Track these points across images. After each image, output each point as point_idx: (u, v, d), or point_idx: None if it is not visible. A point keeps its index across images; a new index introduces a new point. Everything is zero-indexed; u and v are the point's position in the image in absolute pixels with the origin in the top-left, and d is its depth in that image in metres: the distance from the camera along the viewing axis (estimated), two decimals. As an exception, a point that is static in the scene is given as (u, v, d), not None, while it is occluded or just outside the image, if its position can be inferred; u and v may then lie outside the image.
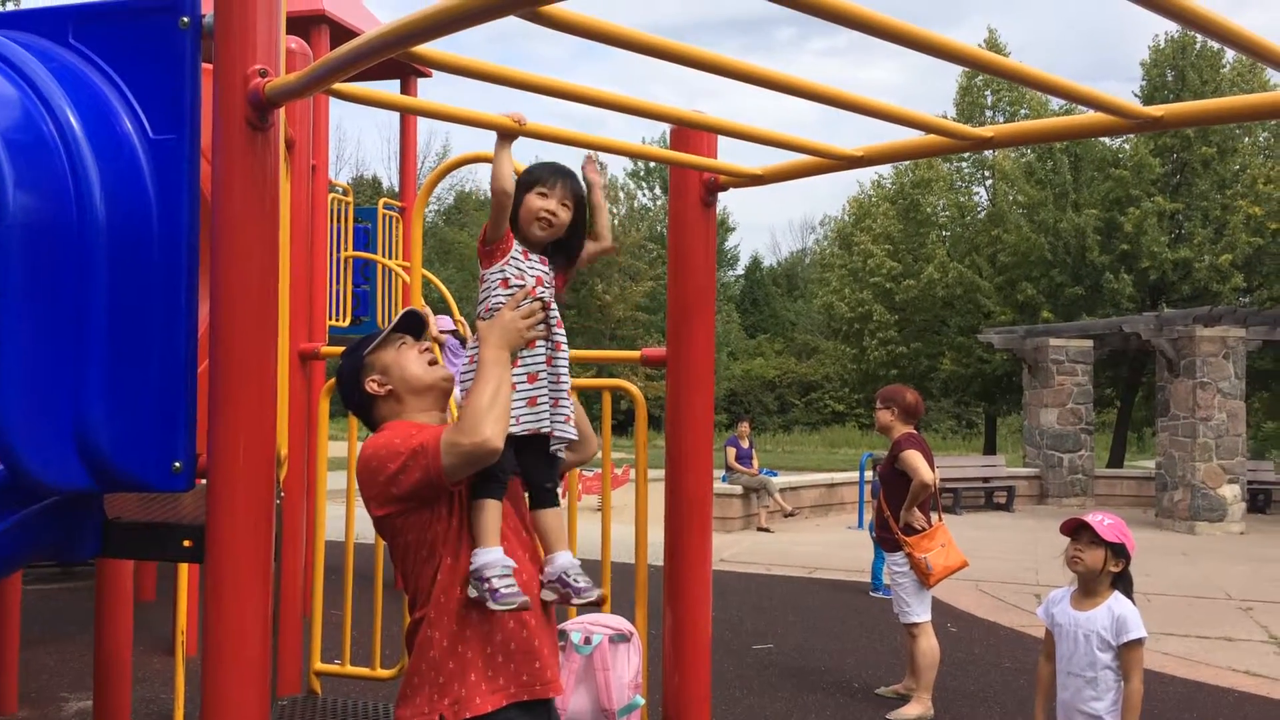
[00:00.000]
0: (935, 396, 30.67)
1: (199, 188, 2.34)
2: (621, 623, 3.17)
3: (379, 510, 2.33)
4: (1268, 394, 26.89)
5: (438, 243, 46.55)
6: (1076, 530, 3.81)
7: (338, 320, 9.07)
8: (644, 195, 48.90)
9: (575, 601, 2.46)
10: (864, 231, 30.07)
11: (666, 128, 3.59)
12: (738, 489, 14.50)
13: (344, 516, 4.50)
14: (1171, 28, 25.75)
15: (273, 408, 2.27)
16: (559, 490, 2.57)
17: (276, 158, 2.27)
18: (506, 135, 2.47)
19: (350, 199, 9.55)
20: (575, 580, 2.45)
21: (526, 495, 2.56)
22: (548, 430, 2.44)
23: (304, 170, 4.43)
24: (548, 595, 2.44)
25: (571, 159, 2.63)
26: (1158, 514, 16.66)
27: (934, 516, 6.06)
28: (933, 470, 5.95)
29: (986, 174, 29.00)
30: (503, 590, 2.26)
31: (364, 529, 8.50)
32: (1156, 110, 2.44)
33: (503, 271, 2.47)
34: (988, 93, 28.24)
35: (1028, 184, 26.40)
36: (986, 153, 25.26)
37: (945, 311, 27.81)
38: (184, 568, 4.28)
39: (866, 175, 34.90)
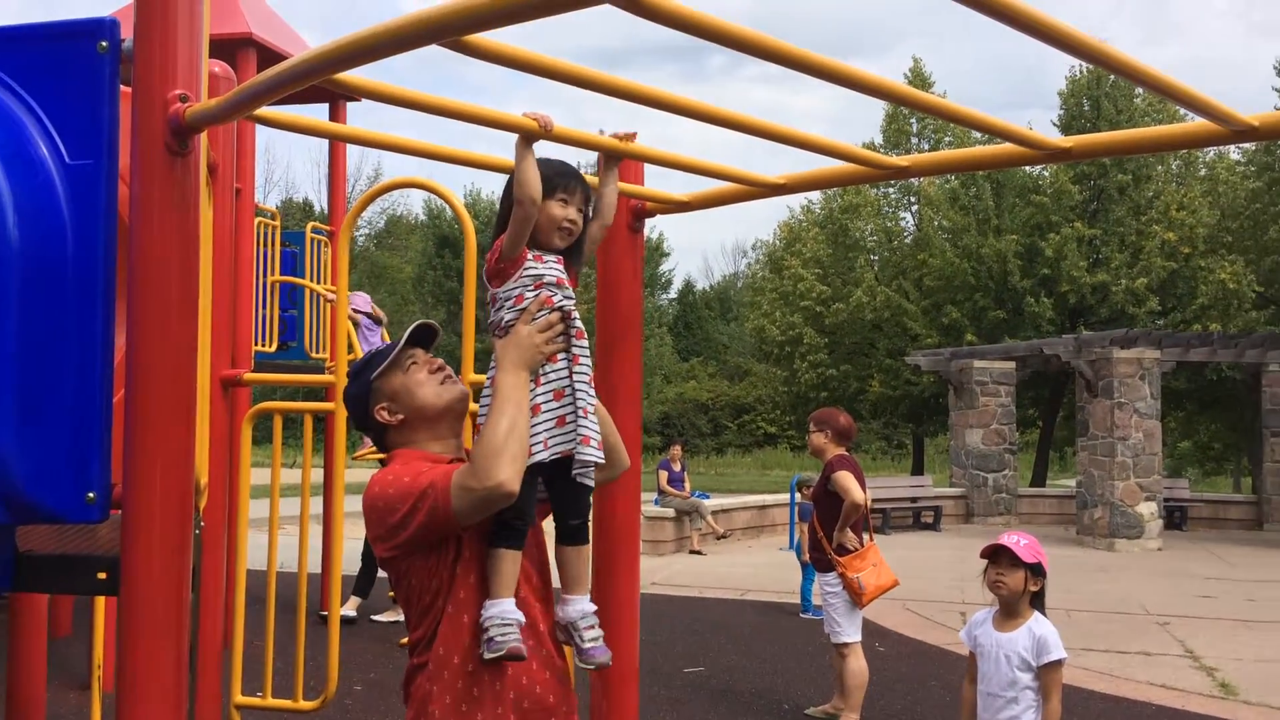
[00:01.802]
0: (865, 418, 31.04)
1: (116, 213, 2.30)
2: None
3: (384, 551, 2.22)
4: (1182, 414, 27.71)
5: (369, 266, 46.09)
6: (995, 554, 3.83)
7: (264, 346, 8.92)
8: (576, 219, 48.88)
9: (577, 661, 2.30)
10: (794, 256, 30.43)
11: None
12: (670, 512, 14.53)
13: (267, 545, 4.43)
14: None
15: (191, 436, 2.24)
16: (588, 525, 2.37)
17: (197, 183, 2.25)
18: (529, 138, 2.25)
19: (278, 223, 9.43)
20: (583, 633, 2.28)
21: (552, 529, 2.38)
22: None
23: (227, 194, 4.37)
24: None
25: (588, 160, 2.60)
26: (1079, 531, 17.05)
27: (865, 537, 6.14)
28: (864, 491, 6.04)
29: (913, 200, 29.57)
30: (497, 639, 2.14)
31: (287, 557, 8.36)
32: (1066, 142, 2.53)
33: (520, 285, 2.27)
34: (913, 120, 28.83)
35: (952, 210, 27.00)
36: (913, 179, 25.77)
37: (874, 334, 28.24)
38: (100, 601, 4.17)
39: (796, 200, 35.42)
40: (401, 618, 8.68)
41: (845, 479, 5.99)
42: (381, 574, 8.84)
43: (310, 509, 4.77)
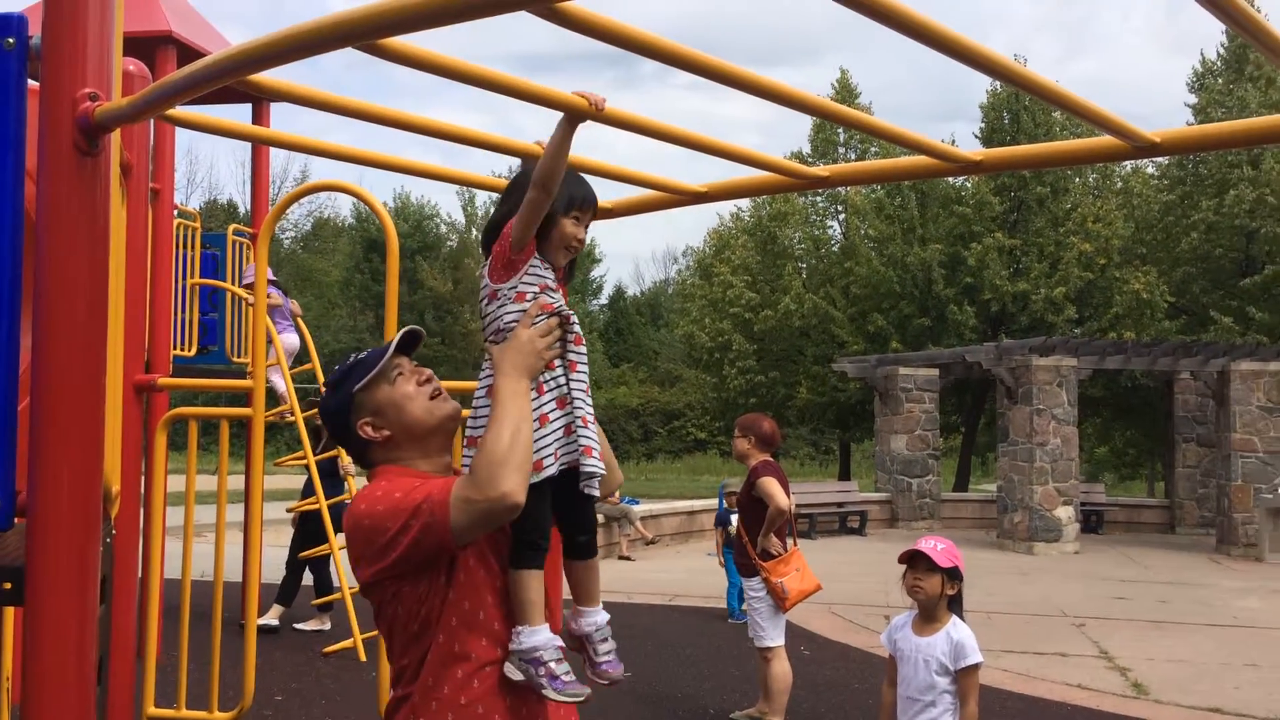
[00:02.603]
0: (792, 424, 31.37)
1: (22, 215, 2.25)
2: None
3: (370, 574, 2.03)
4: (1099, 420, 28.46)
5: (296, 269, 45.36)
6: (912, 559, 3.88)
7: (183, 350, 8.74)
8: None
9: (589, 675, 2.16)
10: (723, 263, 30.66)
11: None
12: (599, 518, 14.52)
13: (182, 554, 4.34)
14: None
15: (99, 443, 2.19)
16: (596, 538, 2.26)
17: (108, 183, 2.20)
18: (575, 119, 2.04)
19: (198, 225, 9.24)
20: (598, 646, 2.17)
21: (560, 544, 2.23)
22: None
23: (141, 196, 4.28)
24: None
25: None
26: (999, 535, 17.42)
27: (789, 542, 6.20)
28: (788, 496, 6.10)
29: (840, 209, 29.98)
30: (564, 678, 2.00)
31: (204, 564, 8.16)
32: (976, 155, 2.60)
33: (524, 283, 2.12)
34: (839, 130, 29.25)
35: (878, 219, 27.45)
36: (840, 188, 26.12)
37: (801, 341, 28.56)
38: (8, 612, 4.05)
39: (726, 208, 35.66)
40: (326, 626, 8.63)
41: (769, 485, 6.05)
42: (307, 580, 8.76)
43: (229, 516, 4.68)
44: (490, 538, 2.06)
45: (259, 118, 9.51)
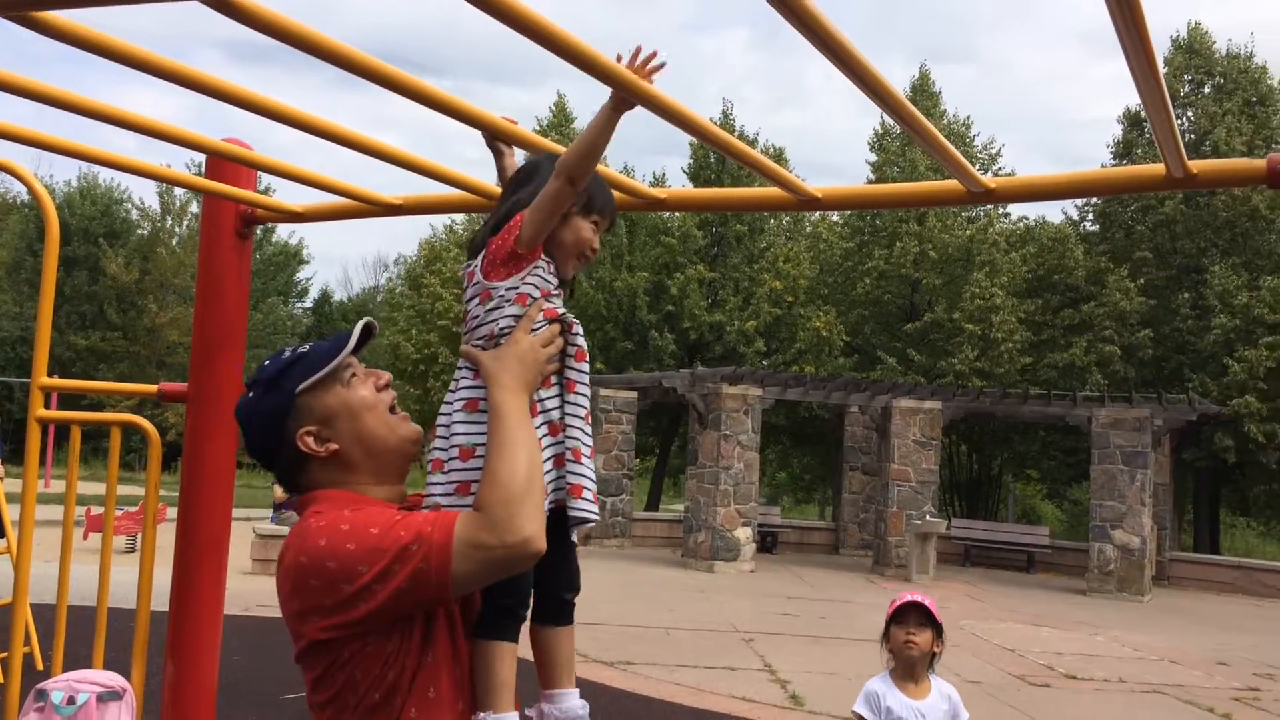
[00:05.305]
0: (494, 440, 31.35)
1: None
2: (113, 678, 2.92)
3: (323, 629, 1.58)
4: (780, 447, 30.47)
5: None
6: (902, 612, 3.55)
7: None
8: (204, 215, 45.77)
9: None
10: (434, 275, 30.31)
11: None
12: (285, 529, 13.88)
13: None
14: (714, 113, 28.74)
15: None
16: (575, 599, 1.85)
17: None
18: (623, 106, 1.69)
19: None
20: None
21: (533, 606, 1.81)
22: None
23: None
24: None
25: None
26: (684, 554, 18.22)
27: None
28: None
29: (552, 229, 30.42)
30: None
31: None
32: (661, 193, 2.73)
33: (526, 286, 1.77)
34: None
35: (589, 243, 28.11)
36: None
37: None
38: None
39: (440, 220, 35.26)
40: None
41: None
42: None
43: None
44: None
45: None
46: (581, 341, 1.80)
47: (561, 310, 1.80)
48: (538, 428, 1.71)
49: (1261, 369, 21.50)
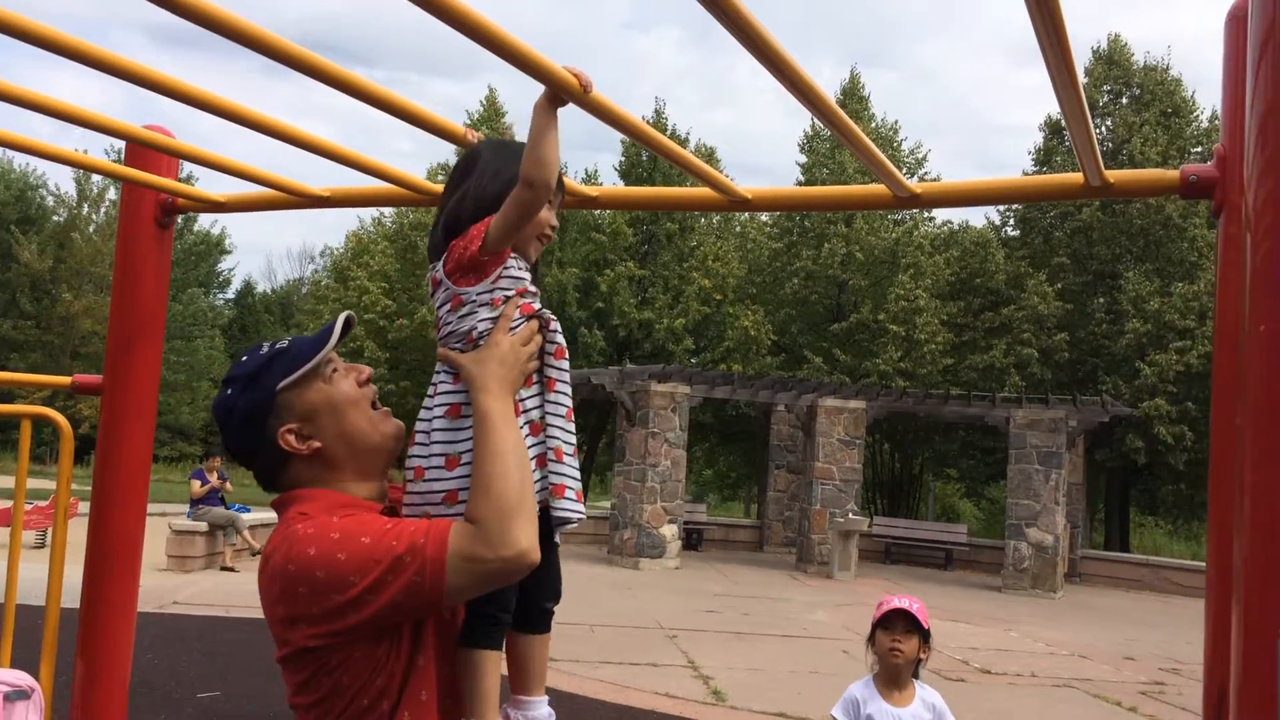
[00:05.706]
0: (420, 435, 31.07)
1: None
2: (21, 677, 2.84)
3: (311, 637, 1.56)
4: (707, 445, 30.66)
5: None
6: (889, 618, 3.48)
7: None
8: (122, 201, 44.57)
9: None
10: (361, 267, 29.92)
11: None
12: (202, 526, 13.61)
13: None
14: (646, 112, 28.81)
15: None
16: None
17: None
18: (559, 100, 1.62)
19: None
20: None
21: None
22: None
23: None
24: None
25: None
26: (609, 551, 18.25)
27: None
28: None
29: (482, 224, 30.23)
30: None
31: None
32: (593, 191, 2.73)
33: (499, 288, 1.73)
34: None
35: (519, 238, 27.99)
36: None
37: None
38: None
39: (368, 212, 34.80)
40: None
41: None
42: None
43: None
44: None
45: None
46: (560, 339, 1.78)
47: (538, 306, 1.78)
48: (520, 426, 1.69)
49: (1171, 373, 22.23)
